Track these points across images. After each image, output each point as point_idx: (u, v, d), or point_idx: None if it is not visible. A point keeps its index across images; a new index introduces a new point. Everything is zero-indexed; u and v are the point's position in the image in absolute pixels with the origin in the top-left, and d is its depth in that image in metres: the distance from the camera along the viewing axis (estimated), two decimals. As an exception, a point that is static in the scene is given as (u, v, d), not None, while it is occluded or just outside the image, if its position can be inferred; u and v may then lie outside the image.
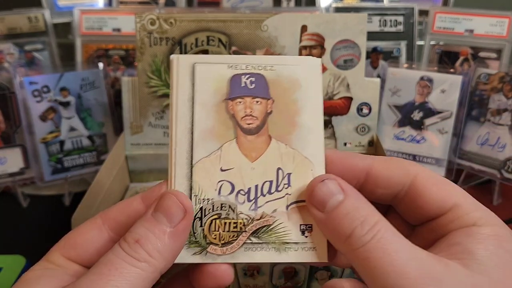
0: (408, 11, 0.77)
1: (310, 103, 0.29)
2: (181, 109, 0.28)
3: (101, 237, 0.27)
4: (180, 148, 0.28)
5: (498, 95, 0.65)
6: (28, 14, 0.78)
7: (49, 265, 0.26)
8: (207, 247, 0.27)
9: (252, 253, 0.27)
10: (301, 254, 0.27)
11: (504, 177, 0.63)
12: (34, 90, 0.63)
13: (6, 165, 0.65)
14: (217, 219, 0.27)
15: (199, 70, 0.29)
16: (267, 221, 0.28)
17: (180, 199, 0.26)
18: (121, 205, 0.27)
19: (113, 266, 0.23)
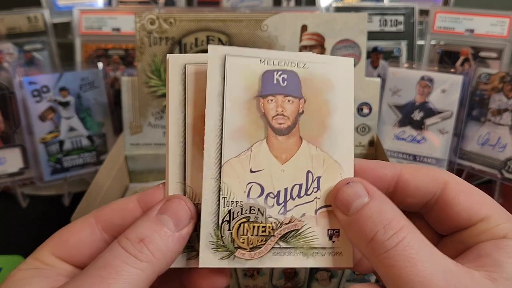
0: (409, 10, 0.77)
1: (341, 104, 0.28)
2: (210, 105, 0.27)
3: (94, 237, 0.26)
4: (208, 146, 0.27)
5: (499, 95, 0.65)
6: (28, 14, 0.78)
7: (39, 264, 0.25)
8: (235, 251, 0.26)
9: (280, 258, 0.27)
10: (327, 259, 0.27)
11: (505, 177, 0.63)
12: (34, 90, 0.63)
13: (5, 165, 0.64)
14: (245, 223, 0.27)
15: (231, 63, 0.27)
16: (296, 225, 0.27)
17: (188, 204, 0.26)
18: (115, 205, 0.27)
19: (113, 269, 0.22)
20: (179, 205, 0.26)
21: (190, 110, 0.28)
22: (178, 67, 0.28)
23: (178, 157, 0.27)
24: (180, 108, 0.28)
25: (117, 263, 0.23)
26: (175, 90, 0.28)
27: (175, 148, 0.28)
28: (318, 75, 0.28)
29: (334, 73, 0.28)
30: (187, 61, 0.28)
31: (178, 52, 0.58)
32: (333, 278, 0.45)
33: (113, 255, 0.23)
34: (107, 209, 0.27)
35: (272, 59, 0.28)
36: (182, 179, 0.27)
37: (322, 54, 0.29)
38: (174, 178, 0.27)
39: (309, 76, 0.28)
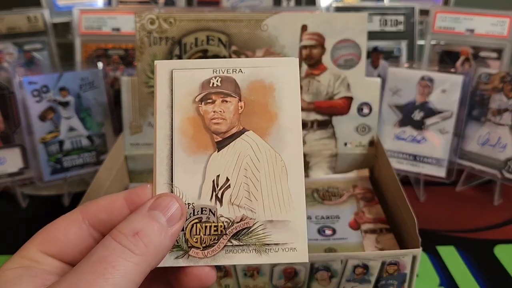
0: (409, 10, 0.77)
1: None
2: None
3: (82, 233, 0.26)
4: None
5: (499, 95, 0.64)
6: (28, 14, 0.78)
7: (26, 262, 0.25)
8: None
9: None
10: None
11: (505, 177, 0.63)
12: (34, 90, 0.63)
13: (5, 165, 0.64)
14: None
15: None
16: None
17: (179, 202, 0.27)
18: (102, 202, 0.27)
19: (109, 264, 0.22)
20: (171, 202, 0.26)
21: (177, 113, 0.29)
22: (165, 73, 0.30)
23: (166, 159, 0.29)
24: (167, 111, 0.29)
25: (112, 258, 0.23)
26: (162, 94, 0.29)
27: (163, 150, 0.29)
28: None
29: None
30: (174, 66, 0.30)
31: (178, 52, 0.58)
32: (333, 278, 0.45)
33: (108, 250, 0.23)
34: (94, 205, 0.27)
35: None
36: (170, 180, 0.28)
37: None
38: (162, 179, 0.28)
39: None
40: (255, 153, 0.29)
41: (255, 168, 0.29)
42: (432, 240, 0.59)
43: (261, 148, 0.29)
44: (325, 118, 0.62)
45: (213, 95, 0.29)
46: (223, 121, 0.29)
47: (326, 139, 0.63)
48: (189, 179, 0.28)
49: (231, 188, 0.29)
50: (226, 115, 0.29)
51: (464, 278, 0.53)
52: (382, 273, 0.44)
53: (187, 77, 0.29)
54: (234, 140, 0.29)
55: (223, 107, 0.29)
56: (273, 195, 0.28)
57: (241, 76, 0.30)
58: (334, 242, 0.51)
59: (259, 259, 0.28)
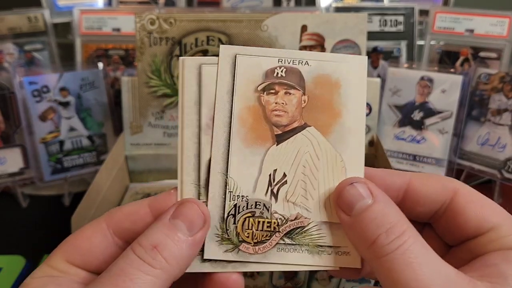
0: (409, 11, 0.77)
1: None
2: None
3: (107, 242, 0.26)
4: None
5: (499, 95, 0.65)
6: (28, 14, 0.78)
7: (52, 272, 0.25)
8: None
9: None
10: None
11: (504, 177, 0.63)
12: (34, 90, 0.63)
13: (6, 165, 0.64)
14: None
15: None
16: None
17: (202, 208, 0.26)
18: (126, 209, 0.27)
19: (127, 277, 0.22)
20: (192, 209, 0.25)
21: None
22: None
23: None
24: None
25: (131, 270, 0.22)
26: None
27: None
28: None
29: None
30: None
31: (178, 52, 0.59)
32: (333, 278, 0.45)
33: (127, 263, 0.23)
34: (118, 214, 0.26)
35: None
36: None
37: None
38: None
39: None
40: (315, 150, 0.27)
41: (314, 166, 0.27)
42: (432, 240, 0.59)
43: (322, 146, 0.28)
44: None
45: (277, 85, 0.28)
46: (284, 113, 0.28)
47: (326, 139, 0.63)
48: (245, 171, 0.27)
49: (288, 184, 0.27)
50: (288, 107, 0.28)
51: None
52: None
53: (251, 64, 0.28)
54: (295, 134, 0.28)
55: (286, 99, 0.28)
56: (330, 196, 0.27)
57: (307, 68, 0.28)
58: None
59: (312, 261, 0.27)
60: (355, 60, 0.28)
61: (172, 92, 0.60)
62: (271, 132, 0.28)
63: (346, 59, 0.28)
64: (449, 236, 0.27)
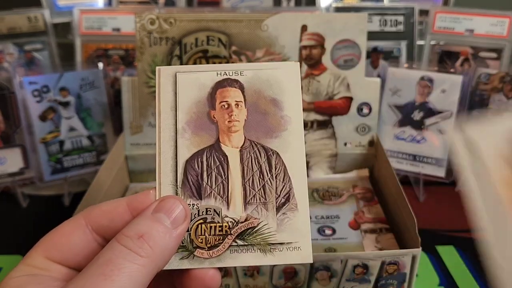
0: (409, 11, 0.77)
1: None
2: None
3: (86, 238, 0.26)
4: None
5: (499, 95, 0.65)
6: (28, 14, 0.78)
7: (31, 270, 0.24)
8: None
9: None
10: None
11: (505, 177, 0.63)
12: (34, 90, 0.63)
13: (5, 165, 0.64)
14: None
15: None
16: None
17: (183, 203, 0.27)
18: (104, 207, 0.27)
19: (115, 266, 0.22)
20: (174, 204, 0.26)
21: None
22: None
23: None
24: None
25: (118, 260, 0.23)
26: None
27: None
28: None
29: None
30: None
31: (178, 52, 0.59)
32: (333, 278, 0.45)
33: (114, 253, 0.23)
34: (96, 210, 0.27)
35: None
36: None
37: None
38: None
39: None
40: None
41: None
42: (432, 240, 0.59)
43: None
44: (325, 118, 0.62)
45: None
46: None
47: (326, 139, 0.63)
48: None
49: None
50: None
51: (463, 278, 0.53)
52: (382, 273, 0.45)
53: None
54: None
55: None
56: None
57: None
58: (334, 242, 0.51)
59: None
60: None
61: (172, 92, 0.60)
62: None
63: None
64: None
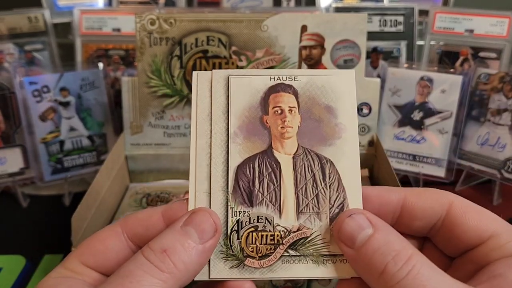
0: (408, 11, 0.77)
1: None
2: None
3: (121, 245, 0.26)
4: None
5: (498, 95, 0.65)
6: (28, 14, 0.78)
7: (66, 273, 0.25)
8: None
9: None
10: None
11: (504, 177, 0.63)
12: (34, 90, 0.63)
13: (6, 165, 0.65)
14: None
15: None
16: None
17: (213, 217, 0.26)
18: (140, 215, 0.27)
19: (135, 279, 0.23)
20: (204, 217, 0.26)
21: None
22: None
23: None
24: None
25: (139, 273, 0.23)
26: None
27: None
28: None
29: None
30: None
31: (178, 52, 0.59)
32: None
33: (136, 265, 0.23)
34: (132, 219, 0.27)
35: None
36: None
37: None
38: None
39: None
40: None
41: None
42: (432, 240, 0.59)
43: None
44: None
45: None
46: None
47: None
48: None
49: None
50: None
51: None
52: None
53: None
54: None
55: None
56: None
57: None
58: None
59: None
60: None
61: (172, 92, 0.60)
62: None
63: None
64: (449, 248, 0.27)
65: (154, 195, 0.59)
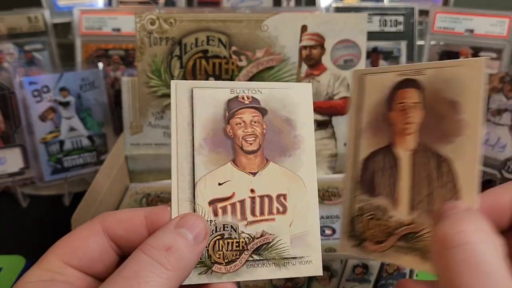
0: (408, 11, 0.77)
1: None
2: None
3: (102, 243, 0.26)
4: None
5: (499, 95, 0.65)
6: (28, 14, 0.78)
7: (47, 274, 0.24)
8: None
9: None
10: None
11: (504, 177, 0.63)
12: (34, 90, 0.63)
13: (6, 165, 0.64)
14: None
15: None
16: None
17: (204, 221, 0.27)
18: (120, 215, 0.27)
19: (142, 279, 0.22)
20: (197, 221, 0.27)
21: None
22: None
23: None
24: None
25: (145, 273, 0.23)
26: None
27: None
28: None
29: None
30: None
31: (178, 52, 0.59)
32: (333, 278, 0.45)
33: (140, 265, 0.23)
34: (111, 218, 0.27)
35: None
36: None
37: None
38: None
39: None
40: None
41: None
42: (432, 240, 0.59)
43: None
44: (325, 118, 0.62)
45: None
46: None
47: (326, 139, 0.63)
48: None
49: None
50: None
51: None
52: (381, 273, 0.45)
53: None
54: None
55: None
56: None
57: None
58: (334, 242, 0.51)
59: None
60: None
61: (172, 92, 0.60)
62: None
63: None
64: None
65: (154, 195, 0.59)
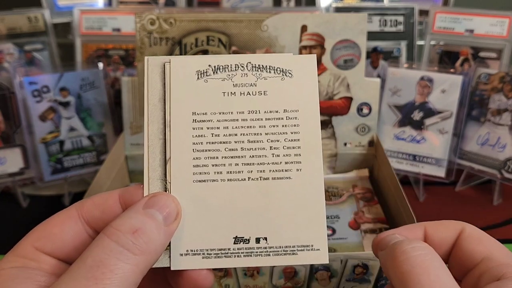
0: (408, 11, 0.77)
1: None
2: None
3: (77, 229, 0.25)
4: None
5: (499, 95, 0.65)
6: (28, 14, 0.78)
7: (20, 261, 0.24)
8: None
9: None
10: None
11: (504, 177, 0.63)
12: (34, 90, 0.63)
13: (5, 165, 0.64)
14: None
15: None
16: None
17: (175, 201, 0.26)
18: (96, 198, 0.27)
19: (107, 268, 0.21)
20: (167, 200, 0.26)
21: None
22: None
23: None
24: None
25: (110, 260, 0.21)
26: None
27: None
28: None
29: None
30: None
31: (178, 53, 0.59)
32: (333, 278, 0.45)
33: (105, 252, 0.22)
34: (88, 202, 0.26)
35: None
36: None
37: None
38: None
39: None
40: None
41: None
42: (432, 240, 0.59)
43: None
44: (325, 118, 0.62)
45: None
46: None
47: (326, 139, 0.63)
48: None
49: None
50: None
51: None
52: (382, 273, 0.45)
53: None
54: None
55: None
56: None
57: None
58: (334, 242, 0.51)
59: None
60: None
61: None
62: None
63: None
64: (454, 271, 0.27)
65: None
